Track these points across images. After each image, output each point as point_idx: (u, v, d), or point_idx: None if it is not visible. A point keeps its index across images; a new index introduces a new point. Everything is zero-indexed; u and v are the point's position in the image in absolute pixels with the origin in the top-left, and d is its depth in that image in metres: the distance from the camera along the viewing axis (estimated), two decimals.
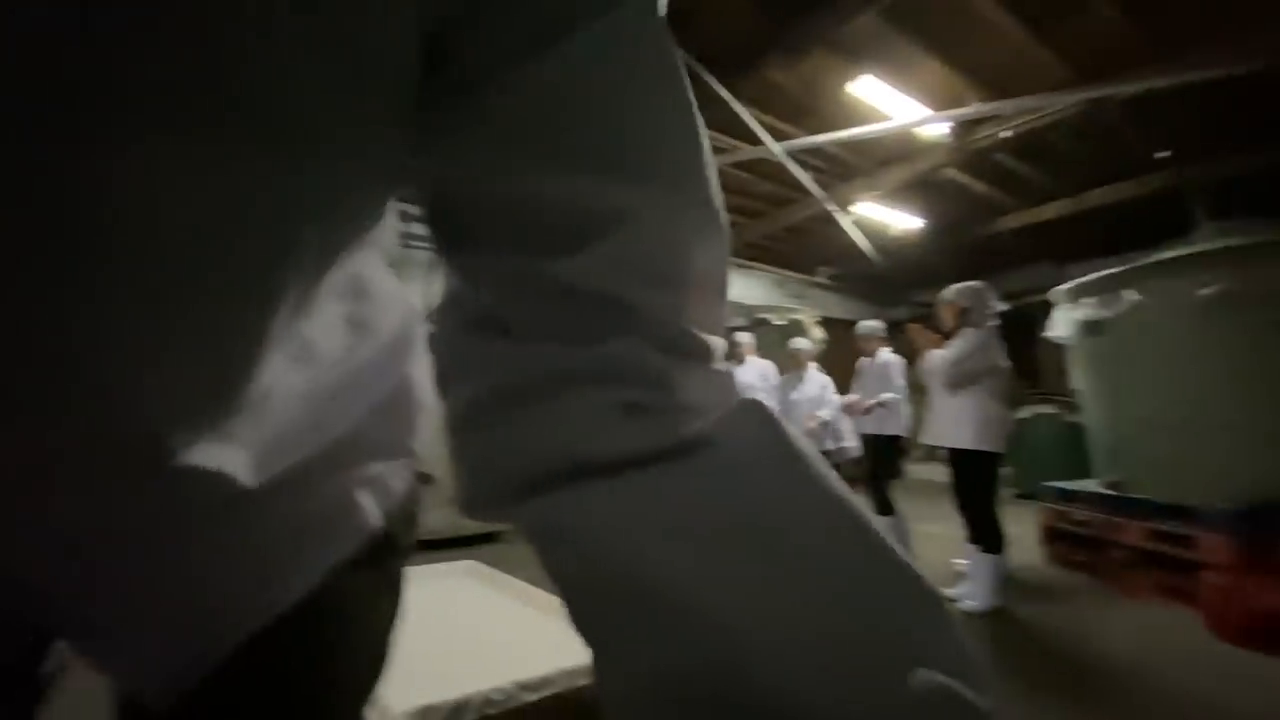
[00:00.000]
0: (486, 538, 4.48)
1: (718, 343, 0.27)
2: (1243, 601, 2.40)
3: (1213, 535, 2.72)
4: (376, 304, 0.41)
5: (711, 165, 0.27)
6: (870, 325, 4.19)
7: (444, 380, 0.29)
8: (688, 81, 0.26)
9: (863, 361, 4.18)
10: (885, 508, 3.87)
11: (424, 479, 0.58)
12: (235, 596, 0.36)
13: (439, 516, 4.34)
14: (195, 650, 0.35)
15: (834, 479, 0.24)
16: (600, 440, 0.23)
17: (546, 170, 0.24)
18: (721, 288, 0.28)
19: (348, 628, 0.42)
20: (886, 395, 3.93)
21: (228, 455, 0.31)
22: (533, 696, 1.64)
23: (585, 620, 0.24)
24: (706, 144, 0.26)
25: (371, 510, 0.41)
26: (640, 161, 0.25)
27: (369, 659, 0.45)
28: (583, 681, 1.78)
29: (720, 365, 0.27)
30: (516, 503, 0.25)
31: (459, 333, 0.28)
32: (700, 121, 0.26)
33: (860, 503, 0.24)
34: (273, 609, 0.36)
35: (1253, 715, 1.81)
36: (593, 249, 0.24)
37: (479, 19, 0.23)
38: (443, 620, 2.53)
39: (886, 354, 4.06)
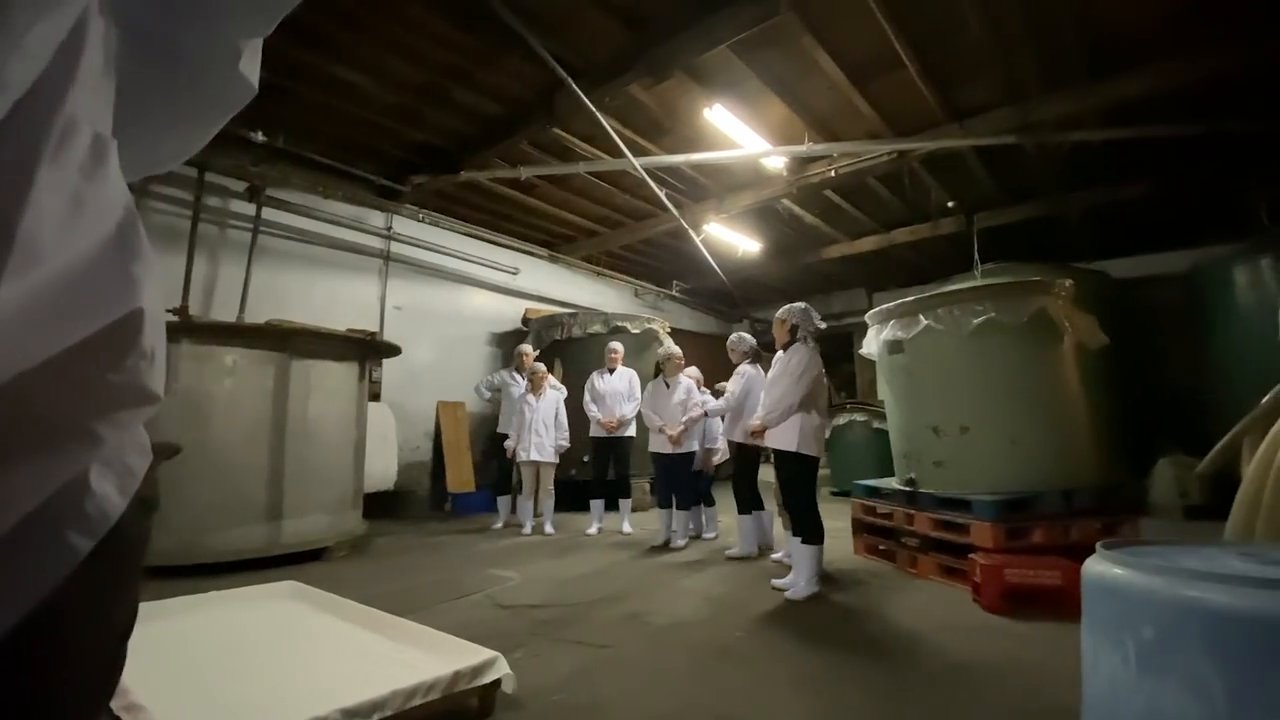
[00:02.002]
0: (313, 555, 4.06)
1: None
2: (999, 577, 2.92)
3: (979, 523, 3.27)
4: (108, 181, 0.35)
5: None
6: (740, 337, 4.45)
7: None
8: None
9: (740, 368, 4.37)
10: (755, 504, 4.16)
11: (168, 451, 0.50)
12: None
13: (255, 533, 3.85)
14: None
15: None
16: None
17: None
18: None
19: (71, 638, 0.36)
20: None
21: None
22: None
23: None
24: None
25: (112, 498, 0.36)
26: None
27: (97, 672, 0.40)
28: (419, 701, 1.69)
29: None
30: None
31: None
32: None
33: None
34: None
35: (1002, 663, 2.30)
36: None
37: None
38: (261, 646, 2.25)
39: (745, 367, 4.32)
